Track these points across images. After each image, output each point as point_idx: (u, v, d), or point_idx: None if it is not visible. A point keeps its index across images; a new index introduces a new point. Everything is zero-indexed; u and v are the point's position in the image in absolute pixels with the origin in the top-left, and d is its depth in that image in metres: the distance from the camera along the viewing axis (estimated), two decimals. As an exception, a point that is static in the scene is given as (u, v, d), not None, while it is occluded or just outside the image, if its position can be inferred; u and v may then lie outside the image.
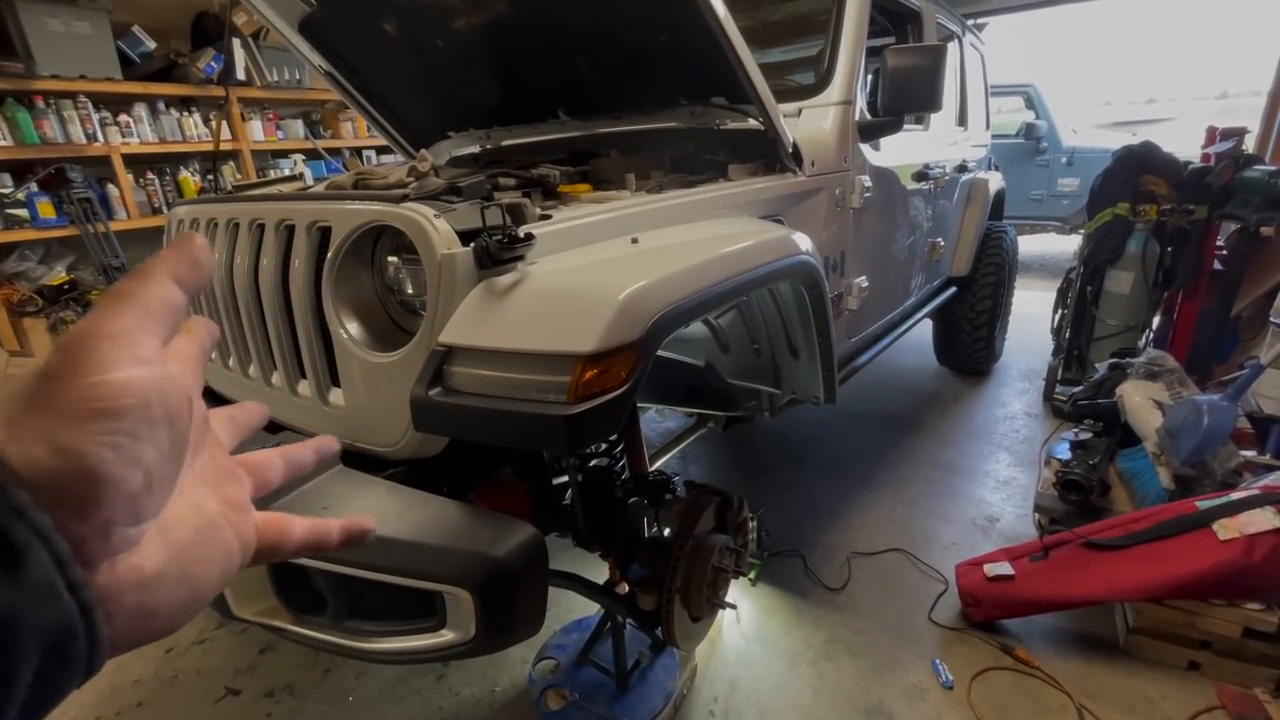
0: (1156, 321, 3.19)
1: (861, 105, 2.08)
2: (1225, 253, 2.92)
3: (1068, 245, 6.91)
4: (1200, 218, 2.82)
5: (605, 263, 1.15)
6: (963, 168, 3.19)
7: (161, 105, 3.61)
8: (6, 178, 3.11)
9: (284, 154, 4.38)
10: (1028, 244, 6.59)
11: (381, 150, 4.82)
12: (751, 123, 1.75)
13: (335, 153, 4.62)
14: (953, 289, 3.36)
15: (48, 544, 0.22)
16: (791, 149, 1.75)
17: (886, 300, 2.52)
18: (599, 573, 1.46)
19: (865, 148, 2.09)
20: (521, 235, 1.06)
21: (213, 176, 3.23)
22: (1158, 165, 2.95)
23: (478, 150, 2.31)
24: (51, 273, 3.28)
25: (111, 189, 3.45)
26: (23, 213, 3.11)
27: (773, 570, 2.13)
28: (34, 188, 3.14)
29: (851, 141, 2.01)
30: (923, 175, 2.61)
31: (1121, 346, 2.96)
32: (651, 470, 1.41)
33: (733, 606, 1.54)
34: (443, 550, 0.91)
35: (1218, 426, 1.93)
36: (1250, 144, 3.53)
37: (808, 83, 2.08)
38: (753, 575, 2.08)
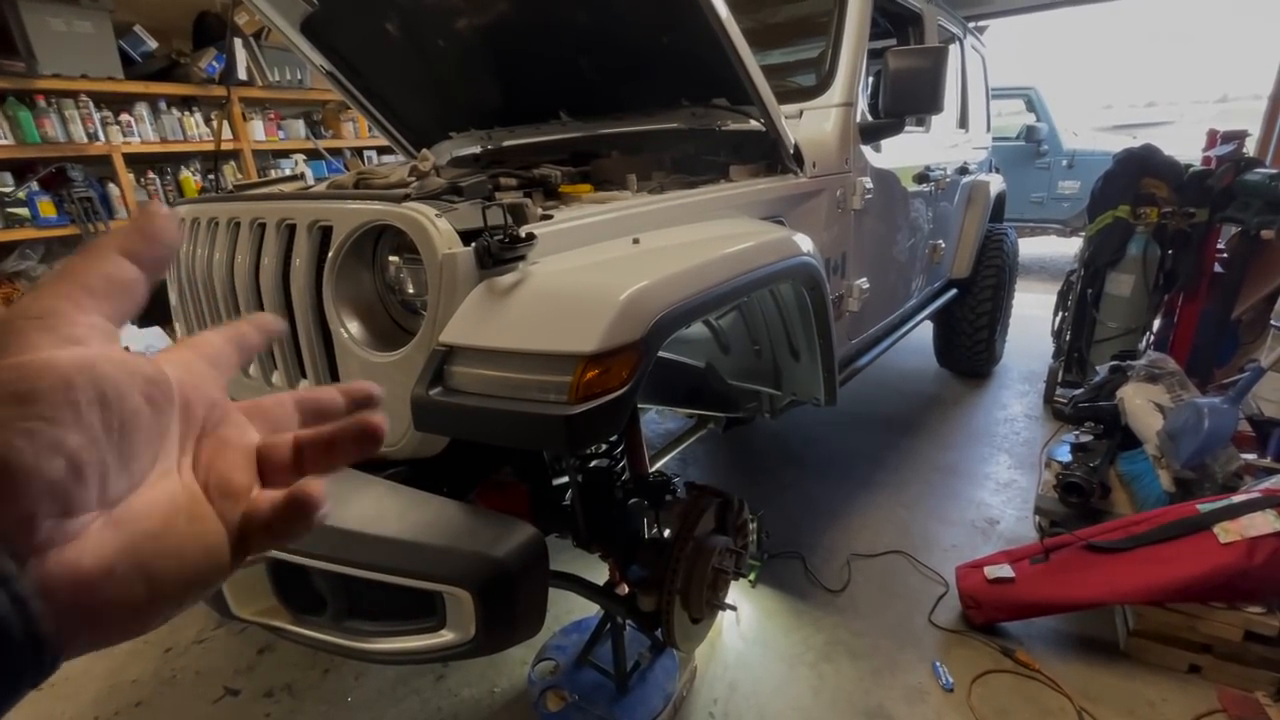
0: (1157, 324, 3.18)
1: (863, 107, 2.08)
2: (1226, 256, 2.92)
3: (1068, 248, 6.91)
4: (1201, 221, 2.83)
5: (606, 263, 1.15)
6: (963, 170, 3.19)
7: (163, 105, 3.62)
8: (8, 176, 3.11)
9: (285, 154, 4.38)
10: (1028, 246, 6.59)
11: (383, 150, 4.82)
12: (753, 124, 1.76)
13: (336, 153, 4.62)
14: (953, 291, 3.36)
15: None
16: (793, 150, 1.75)
17: (887, 302, 2.52)
18: (599, 574, 1.46)
19: (866, 149, 2.09)
20: (523, 235, 1.06)
21: (214, 176, 3.23)
22: (1158, 168, 2.95)
23: (479, 150, 2.31)
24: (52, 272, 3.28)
25: (112, 188, 3.45)
26: (23, 212, 3.11)
27: (772, 572, 2.12)
28: (35, 187, 3.15)
29: (853, 143, 2.01)
30: (924, 177, 2.61)
31: (1122, 349, 2.96)
32: (652, 471, 1.41)
33: (733, 608, 1.54)
34: (443, 550, 0.91)
35: (1218, 429, 1.93)
36: (1251, 147, 3.53)
37: (809, 84, 2.08)
38: (752, 577, 2.07)
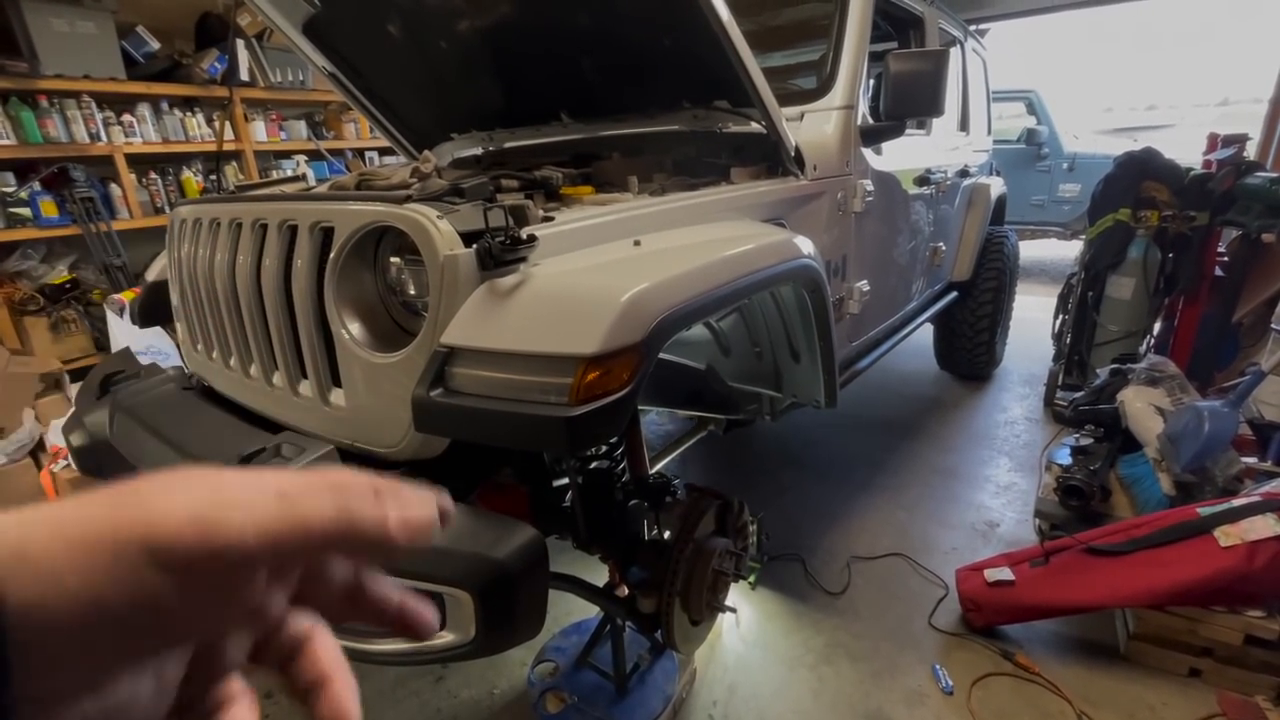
0: (1157, 327, 3.18)
1: (864, 110, 2.09)
2: (1226, 259, 2.93)
3: (1069, 251, 6.91)
4: (1201, 224, 2.83)
5: (607, 265, 1.15)
6: (964, 173, 3.19)
7: (165, 105, 3.62)
8: (10, 176, 3.12)
9: (287, 155, 4.39)
10: (1029, 249, 6.58)
11: (384, 151, 4.83)
12: (754, 126, 1.76)
13: (338, 154, 4.62)
14: (954, 294, 3.36)
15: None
16: (794, 153, 1.75)
17: (887, 304, 2.52)
18: (599, 575, 1.46)
19: (867, 152, 2.10)
20: (524, 237, 1.06)
21: (216, 177, 3.23)
22: (1159, 171, 2.95)
23: (480, 152, 2.31)
24: (53, 272, 3.28)
25: (114, 188, 3.46)
26: (25, 211, 3.11)
27: (772, 574, 2.12)
28: (37, 187, 3.15)
29: (854, 146, 2.01)
30: (924, 180, 2.61)
31: (1122, 352, 2.96)
32: (652, 473, 1.41)
33: (732, 610, 1.54)
34: (443, 551, 0.91)
35: (1219, 433, 1.93)
36: (1251, 151, 3.53)
37: (810, 87, 2.08)
38: (752, 579, 2.07)
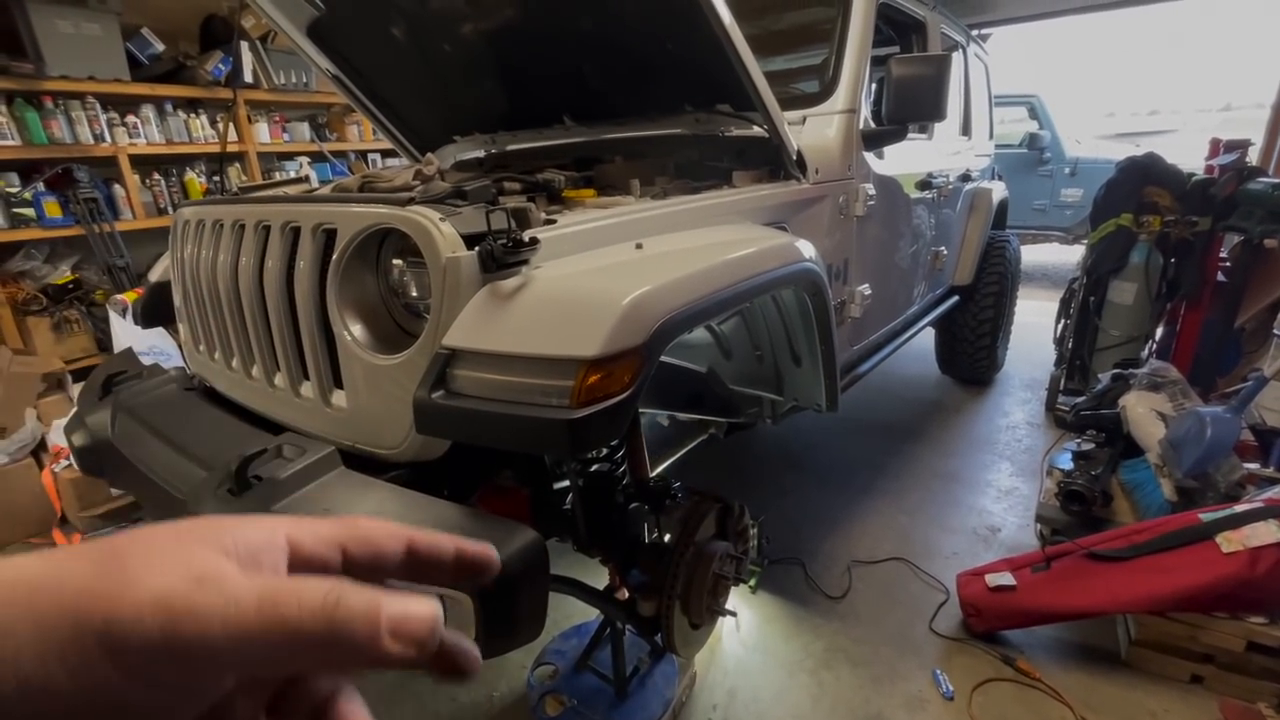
0: (1159, 333, 3.18)
1: (866, 114, 2.09)
2: (1228, 265, 2.92)
3: (1070, 255, 6.91)
4: (1203, 229, 2.83)
5: (609, 268, 1.15)
6: (966, 177, 3.19)
7: (169, 107, 3.63)
8: (14, 177, 3.13)
9: (290, 156, 4.40)
10: (1030, 254, 6.58)
11: (387, 154, 4.84)
12: (756, 130, 1.76)
13: (341, 156, 4.63)
14: (955, 298, 3.36)
15: None
16: (796, 156, 1.76)
17: (889, 308, 2.52)
18: (599, 578, 1.46)
19: (869, 156, 2.10)
20: (526, 239, 1.06)
21: (219, 178, 3.24)
22: (1161, 177, 2.95)
23: (483, 155, 2.32)
24: (56, 272, 3.29)
25: (118, 189, 3.47)
26: (29, 212, 3.12)
27: (773, 578, 2.12)
28: (41, 187, 3.16)
29: (855, 150, 2.01)
30: (926, 184, 2.61)
31: (1124, 357, 2.95)
32: (653, 476, 1.41)
33: (733, 614, 1.54)
34: (443, 553, 0.91)
35: (1221, 439, 1.92)
36: (1254, 156, 3.53)
37: (812, 91, 2.09)
38: (753, 583, 2.07)
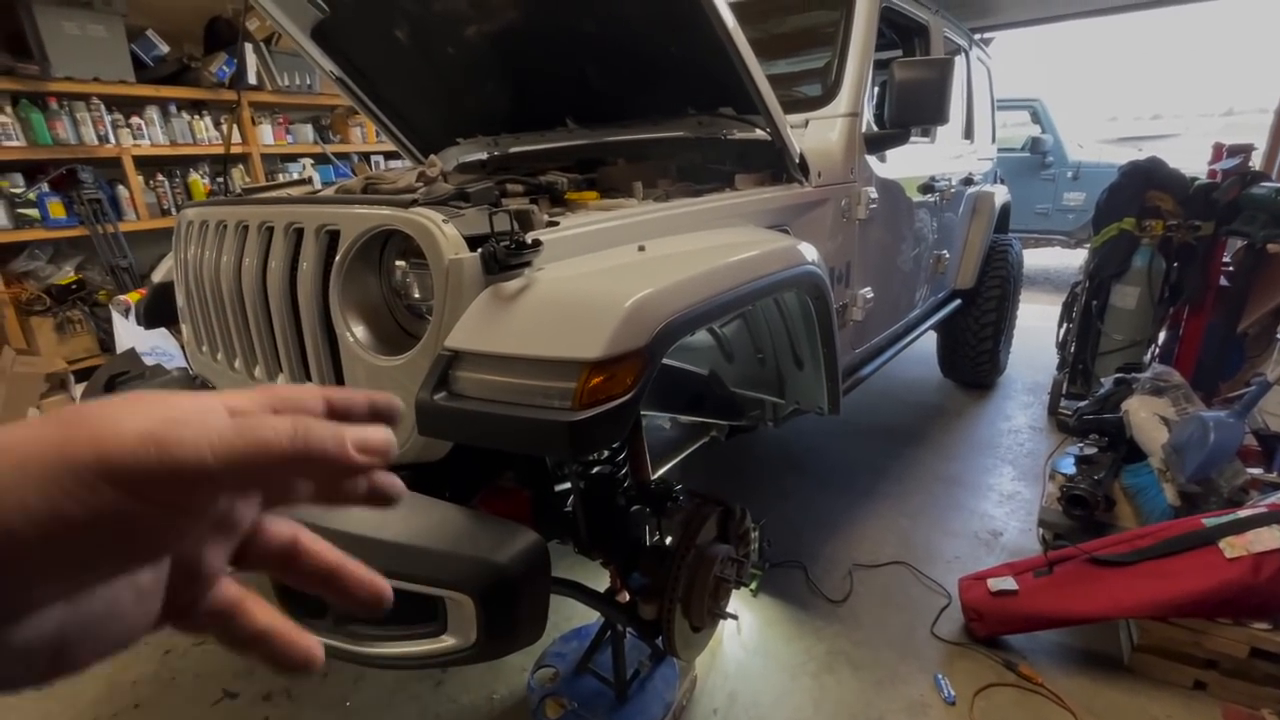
0: (1162, 337, 3.17)
1: (868, 117, 2.09)
2: (1231, 269, 2.92)
3: (1073, 259, 6.91)
4: (1206, 234, 2.82)
5: (612, 270, 1.15)
6: (968, 181, 3.19)
7: (173, 108, 3.65)
8: (18, 177, 3.14)
9: (293, 158, 4.42)
10: (1033, 257, 6.58)
11: (390, 155, 4.86)
12: (759, 133, 1.76)
13: (344, 157, 4.65)
14: (957, 301, 3.36)
15: None
16: (798, 160, 1.76)
17: (891, 312, 2.52)
18: (600, 580, 1.46)
19: (871, 159, 2.10)
20: (529, 241, 1.06)
21: (222, 179, 3.25)
22: (1164, 181, 2.95)
23: (486, 157, 2.32)
24: (60, 272, 3.30)
25: (121, 190, 3.48)
26: (33, 212, 3.14)
27: (774, 581, 2.11)
28: (45, 188, 3.17)
29: (858, 153, 2.01)
30: (928, 188, 2.61)
31: (1127, 361, 2.95)
32: (654, 478, 1.41)
33: (734, 617, 1.54)
34: (445, 555, 0.91)
35: (1224, 443, 1.92)
36: (1257, 161, 3.53)
37: (815, 94, 2.09)
38: (754, 586, 2.06)
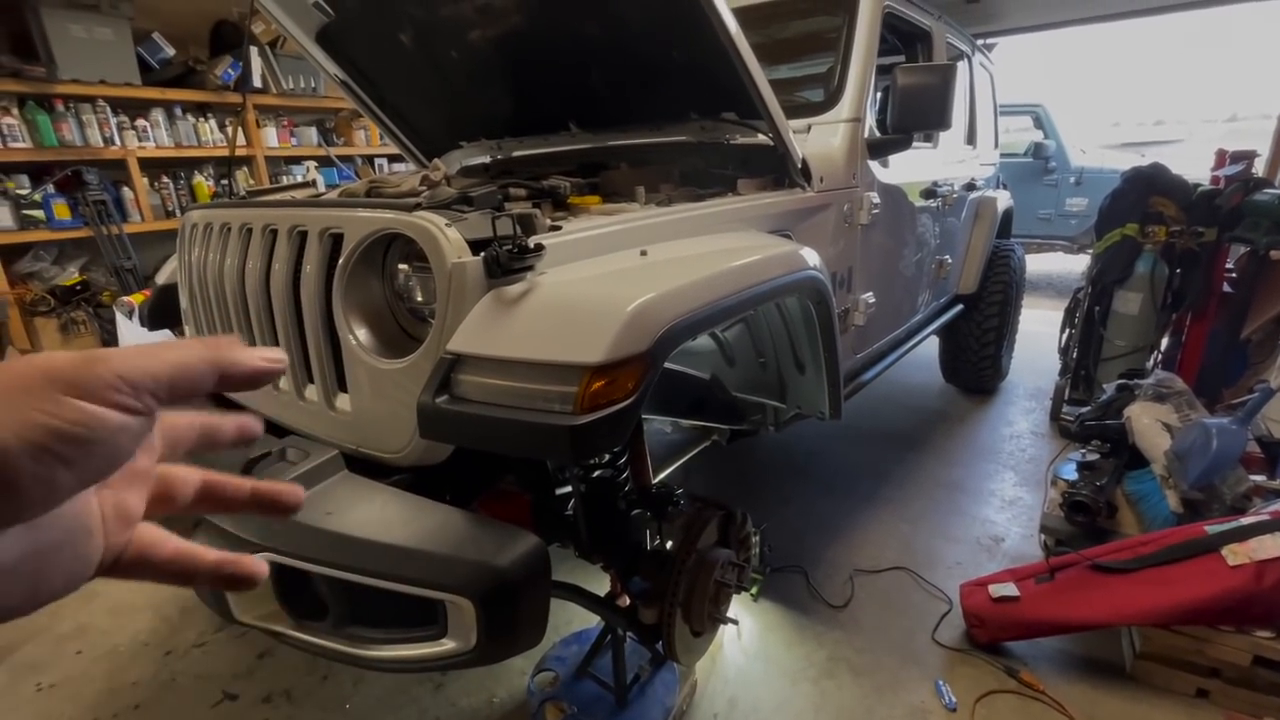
0: (1165, 343, 3.17)
1: (871, 123, 2.10)
2: (1234, 275, 2.91)
3: (1076, 265, 6.90)
4: (1209, 240, 2.82)
5: (614, 274, 1.15)
6: (971, 186, 3.19)
7: (178, 111, 3.67)
8: (24, 179, 3.16)
9: (297, 160, 4.43)
10: (1035, 263, 6.59)
11: (393, 158, 4.87)
12: (761, 138, 1.76)
13: (348, 160, 4.67)
14: (959, 307, 3.35)
15: None
16: (801, 165, 1.76)
17: (893, 317, 2.52)
18: (600, 584, 1.46)
19: (874, 165, 2.10)
20: (531, 245, 1.06)
21: (227, 181, 3.27)
22: (1167, 187, 2.94)
23: (488, 160, 2.33)
24: (64, 273, 3.32)
25: (126, 192, 3.50)
26: (39, 213, 3.15)
27: (775, 586, 2.11)
28: (51, 189, 3.19)
29: (860, 158, 2.01)
30: (931, 193, 2.62)
31: (1129, 367, 2.94)
32: (655, 482, 1.41)
33: (734, 622, 1.53)
34: (445, 558, 0.91)
35: (1227, 450, 1.91)
36: (1260, 167, 3.52)
37: (818, 99, 2.09)
38: (755, 591, 2.06)
